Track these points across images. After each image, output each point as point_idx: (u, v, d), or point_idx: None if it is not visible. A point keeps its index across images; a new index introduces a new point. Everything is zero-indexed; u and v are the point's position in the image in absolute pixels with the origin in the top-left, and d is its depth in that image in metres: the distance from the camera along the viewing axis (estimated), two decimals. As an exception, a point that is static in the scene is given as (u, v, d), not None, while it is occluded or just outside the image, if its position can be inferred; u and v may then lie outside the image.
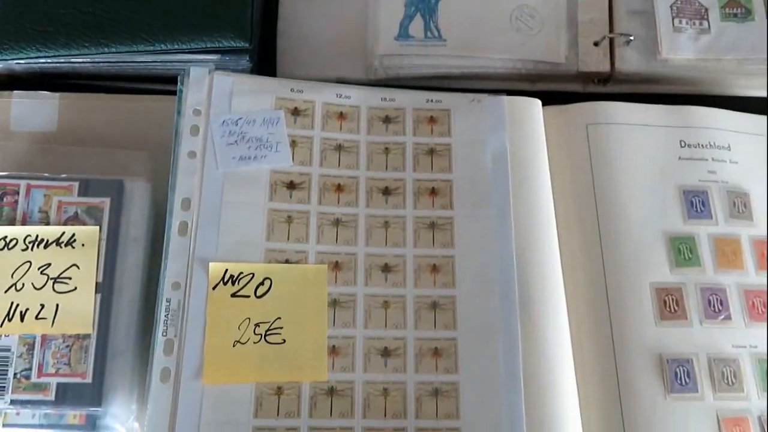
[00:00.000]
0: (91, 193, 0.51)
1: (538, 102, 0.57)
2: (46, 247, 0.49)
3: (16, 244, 0.49)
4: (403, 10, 0.61)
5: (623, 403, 0.49)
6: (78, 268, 0.49)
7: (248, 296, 0.49)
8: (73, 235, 0.50)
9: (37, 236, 0.49)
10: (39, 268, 0.49)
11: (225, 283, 0.48)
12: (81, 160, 0.53)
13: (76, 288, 0.49)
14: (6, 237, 0.49)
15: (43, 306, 0.48)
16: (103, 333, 0.48)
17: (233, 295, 0.48)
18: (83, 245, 0.49)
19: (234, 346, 0.47)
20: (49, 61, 0.56)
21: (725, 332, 0.52)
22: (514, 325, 0.50)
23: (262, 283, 0.49)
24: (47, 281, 0.49)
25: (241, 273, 0.49)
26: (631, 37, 0.61)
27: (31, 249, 0.49)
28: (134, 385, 0.49)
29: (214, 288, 0.48)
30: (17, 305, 0.48)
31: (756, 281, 0.53)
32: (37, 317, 0.48)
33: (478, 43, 0.61)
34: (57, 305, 0.48)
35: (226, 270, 0.49)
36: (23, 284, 0.48)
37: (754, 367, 0.51)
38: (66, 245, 0.49)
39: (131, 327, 0.49)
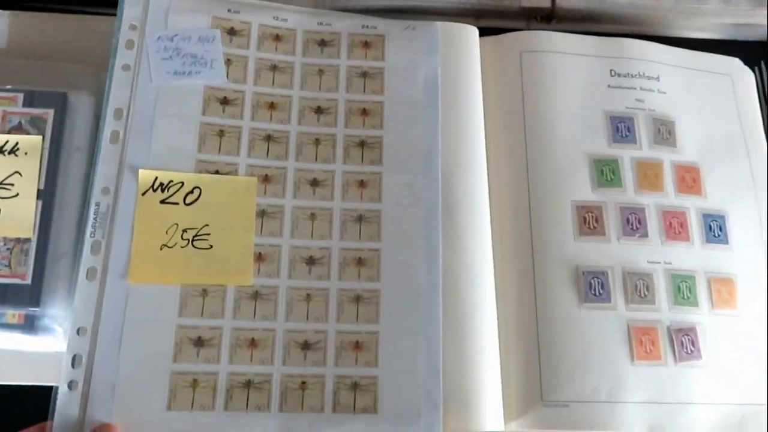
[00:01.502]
0: (35, 104, 0.52)
1: (475, 29, 0.58)
2: (-11, 154, 0.50)
3: (-41, 151, 0.50)
4: (350, -57, 0.62)
5: (539, 311, 0.51)
6: (20, 175, 0.50)
7: (177, 203, 0.50)
8: (17, 143, 0.51)
9: (-20, 144, 0.51)
10: (-19, 175, 0.50)
11: (154, 190, 0.50)
12: (27, 73, 0.54)
13: (18, 194, 0.50)
14: (-51, 144, 0.50)
15: (-16, 210, 0.49)
16: (43, 237, 0.49)
17: (162, 202, 0.50)
18: (26, 154, 0.51)
19: (161, 249, 0.49)
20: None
21: (641, 249, 0.53)
22: (435, 237, 0.51)
23: (191, 192, 0.50)
24: (-11, 187, 0.50)
25: (171, 181, 0.50)
26: (572, -27, 0.62)
27: (-26, 156, 0.50)
28: (73, 288, 0.49)
29: (143, 194, 0.50)
30: (-42, 209, 0.49)
31: (675, 203, 0.55)
32: (-22, 221, 0.49)
33: (424, -24, 0.62)
34: (-1, 210, 0.50)
35: (156, 177, 0.50)
36: (-35, 189, 0.50)
37: (668, 282, 0.52)
38: (9, 153, 0.51)
39: (71, 233, 0.51)
